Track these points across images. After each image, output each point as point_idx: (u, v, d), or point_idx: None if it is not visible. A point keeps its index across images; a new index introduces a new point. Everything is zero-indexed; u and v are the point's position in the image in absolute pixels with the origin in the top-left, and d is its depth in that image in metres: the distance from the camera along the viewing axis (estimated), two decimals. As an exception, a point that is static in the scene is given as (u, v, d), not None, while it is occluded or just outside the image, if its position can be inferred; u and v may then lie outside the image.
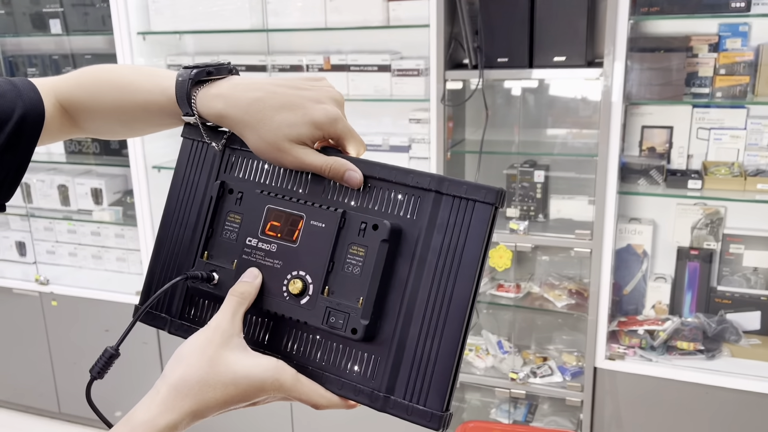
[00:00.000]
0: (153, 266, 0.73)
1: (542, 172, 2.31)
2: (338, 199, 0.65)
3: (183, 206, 0.72)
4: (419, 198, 0.62)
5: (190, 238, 0.70)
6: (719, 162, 2.21)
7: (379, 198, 0.63)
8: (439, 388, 0.59)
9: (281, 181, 0.68)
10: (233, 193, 0.68)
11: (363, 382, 0.62)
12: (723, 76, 2.11)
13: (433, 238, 0.61)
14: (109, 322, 2.81)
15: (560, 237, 2.23)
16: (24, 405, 3.15)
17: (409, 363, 0.60)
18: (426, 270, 0.61)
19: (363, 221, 0.62)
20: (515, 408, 2.48)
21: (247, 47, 2.59)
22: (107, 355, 0.63)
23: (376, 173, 0.64)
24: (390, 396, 0.61)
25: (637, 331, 2.25)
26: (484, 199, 0.60)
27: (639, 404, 2.23)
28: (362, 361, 0.62)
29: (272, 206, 0.66)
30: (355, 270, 0.62)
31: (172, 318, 0.71)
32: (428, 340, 0.60)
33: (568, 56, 2.06)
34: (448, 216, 0.61)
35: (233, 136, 0.69)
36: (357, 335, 0.61)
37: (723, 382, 2.11)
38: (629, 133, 2.29)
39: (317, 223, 0.64)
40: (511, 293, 2.38)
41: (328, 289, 0.63)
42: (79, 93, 0.73)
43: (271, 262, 0.65)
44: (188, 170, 0.72)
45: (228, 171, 0.70)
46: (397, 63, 2.34)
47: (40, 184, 2.97)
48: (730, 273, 2.27)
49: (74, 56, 2.79)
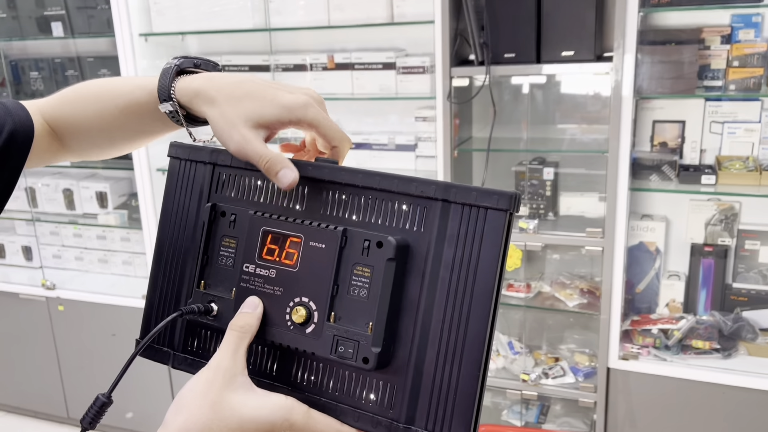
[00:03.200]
0: (151, 298, 0.68)
1: (551, 169, 2.27)
2: (338, 214, 0.60)
3: (176, 232, 0.67)
4: (425, 208, 0.57)
5: (185, 267, 0.66)
6: (733, 156, 2.16)
7: (382, 210, 0.58)
8: (463, 415, 0.54)
9: (276, 198, 0.63)
10: (226, 215, 0.63)
11: (381, 413, 0.57)
12: (736, 69, 2.06)
13: (444, 252, 0.56)
14: (116, 327, 2.80)
15: (571, 235, 2.18)
16: (32, 410, 3.15)
17: (429, 390, 0.55)
18: (439, 287, 0.56)
19: (366, 239, 0.57)
20: (527, 409, 2.44)
21: (250, 47, 2.57)
22: (99, 404, 0.57)
23: (376, 184, 0.58)
24: (411, 427, 0.56)
25: (651, 330, 2.20)
26: (496, 205, 0.54)
27: (653, 405, 2.19)
28: (378, 390, 0.58)
29: (268, 228, 0.61)
30: (361, 293, 0.57)
31: (175, 352, 0.67)
32: (447, 363, 0.55)
33: (576, 51, 2.02)
34: (458, 226, 0.55)
35: (221, 152, 0.65)
36: (369, 365, 0.56)
37: (740, 382, 2.06)
38: (640, 128, 2.24)
39: (317, 243, 0.59)
40: (521, 293, 2.34)
41: (334, 316, 0.58)
42: (62, 109, 0.72)
43: (272, 289, 0.60)
44: (178, 193, 0.68)
45: (219, 190, 0.66)
46: (402, 60, 2.30)
47: (45, 188, 2.96)
48: (746, 269, 2.22)
49: (79, 59, 2.77)
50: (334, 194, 0.61)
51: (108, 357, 2.82)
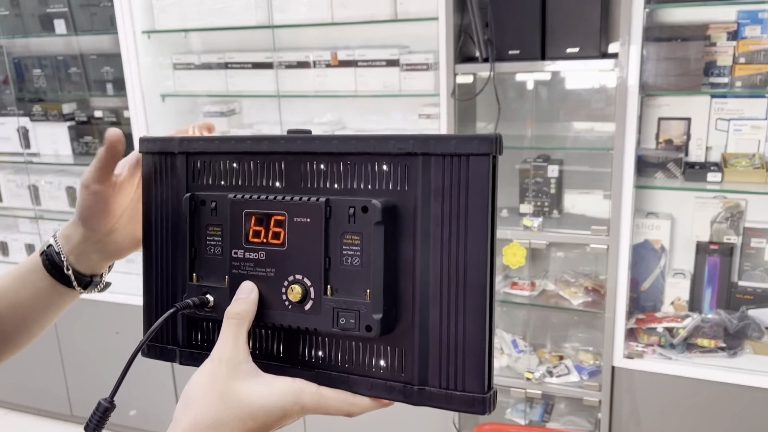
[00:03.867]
0: (147, 299, 0.67)
1: (556, 166, 2.26)
2: (319, 185, 0.59)
3: (160, 229, 0.66)
4: (406, 165, 0.55)
5: (176, 262, 0.65)
6: (739, 154, 2.15)
7: (363, 174, 0.57)
8: (476, 369, 0.54)
9: (255, 179, 0.61)
10: (206, 204, 0.62)
11: (393, 378, 0.57)
12: (742, 65, 2.04)
13: (431, 207, 0.54)
14: (119, 324, 2.79)
15: (576, 233, 2.17)
16: (36, 408, 3.15)
17: (437, 348, 0.55)
18: (432, 244, 0.54)
19: (350, 205, 0.55)
20: (531, 408, 2.43)
21: (253, 44, 2.56)
22: (101, 410, 0.56)
23: (352, 147, 0.57)
24: (425, 387, 0.55)
25: (656, 329, 2.19)
26: (477, 150, 0.53)
27: (658, 404, 2.18)
28: (387, 356, 0.57)
29: (250, 210, 0.60)
30: (354, 261, 0.56)
31: (180, 348, 0.65)
32: (452, 318, 0.54)
33: (581, 47, 2.00)
34: (441, 178, 0.54)
35: (192, 140, 0.65)
36: (373, 332, 0.55)
37: (745, 381, 2.05)
38: (645, 125, 2.23)
39: (301, 218, 0.57)
40: (525, 291, 2.33)
41: (330, 288, 0.57)
42: None
43: (264, 272, 0.59)
44: (156, 189, 0.66)
45: (195, 179, 0.64)
46: (406, 57, 2.29)
47: (48, 186, 2.96)
48: (752, 267, 2.20)
49: (82, 56, 2.77)
50: (312, 165, 0.59)
51: (111, 355, 2.82)
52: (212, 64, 2.56)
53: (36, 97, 2.93)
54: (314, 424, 2.63)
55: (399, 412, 0.58)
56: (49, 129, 2.91)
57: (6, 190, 3.04)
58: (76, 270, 0.69)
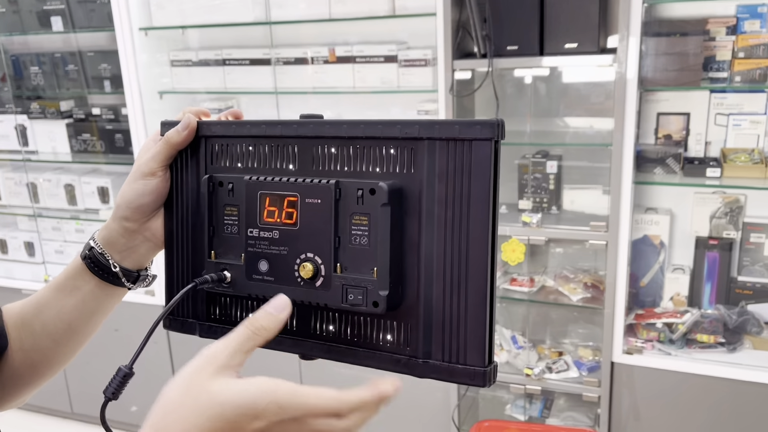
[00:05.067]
0: (169, 276, 0.71)
1: (555, 162, 2.25)
2: (330, 167, 0.62)
3: (181, 209, 0.69)
4: (412, 149, 0.58)
5: (195, 240, 0.68)
6: (738, 149, 2.14)
7: (371, 157, 0.60)
8: (477, 343, 0.57)
9: (269, 161, 0.65)
10: (224, 185, 0.65)
11: (398, 351, 0.60)
12: (741, 60, 2.04)
13: (436, 189, 0.57)
14: (119, 322, 2.79)
15: (575, 229, 2.17)
16: (36, 405, 3.15)
17: (440, 323, 0.58)
18: (436, 224, 0.57)
19: (359, 188, 0.58)
20: (531, 403, 2.43)
21: (251, 40, 2.55)
22: (121, 375, 0.58)
23: (360, 132, 0.60)
24: (428, 360, 0.59)
25: (655, 324, 2.19)
26: (480, 135, 0.55)
27: (658, 399, 2.18)
28: (393, 330, 0.60)
29: (264, 191, 0.63)
30: (362, 241, 0.59)
31: (200, 322, 0.69)
32: (455, 295, 0.57)
33: (580, 42, 1.99)
34: (446, 162, 0.56)
35: (211, 124, 0.67)
36: (379, 308, 0.58)
37: (745, 376, 2.05)
38: (644, 121, 2.22)
39: (313, 199, 0.60)
40: (524, 287, 2.33)
41: (340, 266, 0.60)
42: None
43: (277, 250, 0.62)
44: (176, 171, 0.69)
45: (213, 162, 0.68)
46: (404, 53, 2.28)
47: (46, 184, 2.95)
48: (751, 263, 2.20)
49: (80, 53, 2.76)
50: (323, 149, 0.62)
51: (111, 352, 2.81)
52: (210, 61, 2.55)
53: (34, 94, 2.92)
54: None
55: (400, 411, 0.59)
56: (47, 127, 2.90)
57: (4, 188, 3.04)
58: (123, 267, 0.71)
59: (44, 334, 0.71)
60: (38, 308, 0.71)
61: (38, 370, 0.73)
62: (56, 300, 0.71)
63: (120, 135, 2.79)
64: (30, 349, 0.72)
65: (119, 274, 0.71)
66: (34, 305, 0.72)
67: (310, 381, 1.51)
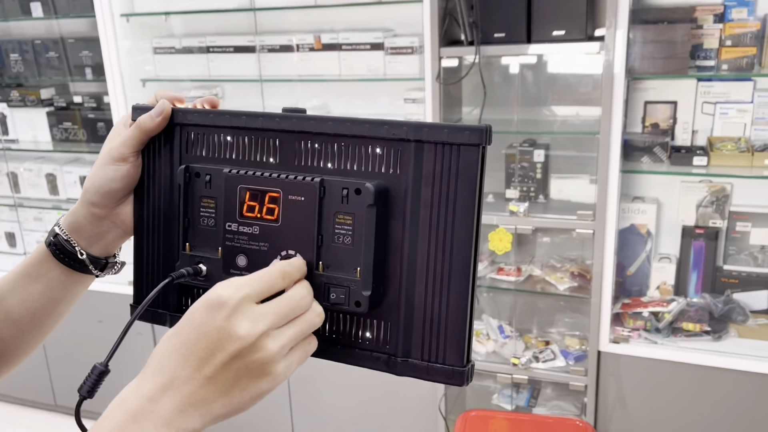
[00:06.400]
0: (138, 264, 0.69)
1: (542, 151, 2.24)
2: (313, 163, 0.60)
3: (153, 197, 0.67)
4: (399, 150, 0.57)
5: (168, 230, 0.67)
6: (725, 137, 2.14)
7: (357, 155, 0.59)
8: (456, 343, 0.57)
9: (248, 153, 0.63)
10: (200, 176, 0.63)
11: (378, 349, 0.60)
12: (729, 48, 2.03)
13: (422, 192, 0.57)
14: (102, 313, 2.76)
15: (562, 218, 2.16)
16: (19, 398, 3.11)
17: (421, 323, 0.58)
18: (420, 226, 0.57)
19: (344, 187, 0.57)
20: (518, 393, 2.43)
21: (235, 27, 2.51)
22: (96, 372, 0.57)
23: (347, 130, 0.59)
24: (407, 359, 0.59)
25: (642, 313, 2.19)
26: (468, 141, 0.55)
27: (644, 388, 2.18)
28: (373, 328, 0.60)
29: (245, 185, 0.61)
30: (346, 240, 0.58)
31: (171, 313, 0.68)
32: (436, 296, 0.57)
33: (567, 30, 1.98)
34: (433, 165, 0.56)
35: (187, 111, 0.65)
36: (362, 308, 0.58)
37: (730, 364, 2.06)
38: (631, 109, 2.21)
39: (296, 197, 0.59)
40: (511, 276, 2.32)
41: (322, 265, 0.59)
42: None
43: (257, 245, 0.61)
44: (148, 158, 0.67)
45: (188, 150, 0.65)
46: (391, 41, 2.26)
47: (27, 173, 2.90)
48: (737, 251, 2.21)
49: (62, 40, 2.70)
50: (306, 144, 0.61)
51: (95, 344, 2.79)
52: (193, 48, 2.51)
53: (14, 82, 2.87)
54: (301, 419, 2.63)
55: (387, 401, 0.58)
56: (27, 115, 2.85)
57: (-16, 178, 2.99)
58: (90, 254, 0.69)
59: (8, 322, 0.69)
60: (1, 296, 0.69)
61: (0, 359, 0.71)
62: (20, 287, 0.69)
63: (102, 124, 2.74)
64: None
65: (86, 261, 0.69)
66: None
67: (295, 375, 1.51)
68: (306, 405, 2.61)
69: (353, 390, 2.48)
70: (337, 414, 2.56)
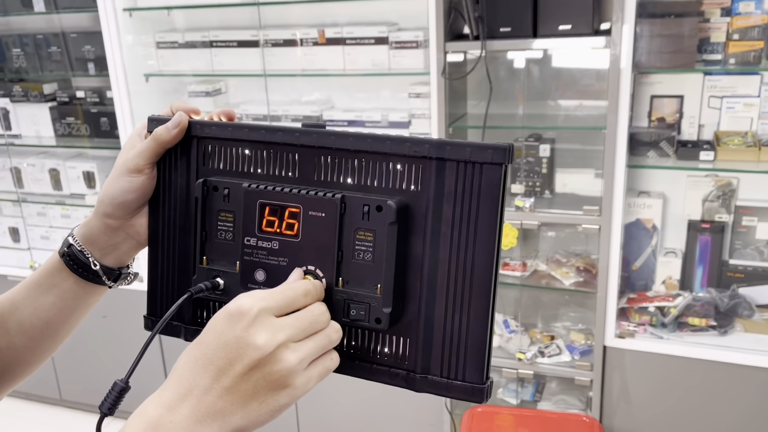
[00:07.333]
0: (153, 276, 0.69)
1: (548, 145, 2.23)
2: (333, 179, 0.60)
3: (168, 210, 0.66)
4: (420, 167, 0.57)
5: (184, 242, 0.66)
6: (732, 132, 2.13)
7: (377, 172, 0.58)
8: (476, 361, 0.57)
9: (267, 167, 0.63)
10: (218, 190, 0.63)
11: (396, 365, 0.60)
12: (736, 42, 2.02)
13: (443, 209, 0.57)
14: (106, 308, 2.76)
15: (567, 213, 2.15)
16: (25, 392, 3.12)
17: (441, 340, 0.58)
18: (441, 243, 0.57)
19: (365, 203, 0.57)
20: (523, 387, 2.44)
21: (238, 21, 2.49)
22: (117, 389, 0.56)
23: (368, 147, 0.58)
24: (427, 376, 0.59)
25: (648, 308, 2.19)
26: (491, 159, 0.55)
27: (649, 383, 2.18)
28: (392, 345, 0.60)
29: (264, 200, 0.60)
30: (366, 257, 0.58)
31: (185, 326, 0.67)
32: (456, 314, 0.57)
33: (573, 24, 1.96)
34: (455, 183, 0.56)
35: (204, 124, 0.64)
36: (382, 324, 0.58)
37: (736, 359, 2.05)
38: (638, 104, 2.20)
39: (316, 212, 0.58)
40: (517, 271, 2.32)
41: (342, 281, 0.59)
42: None
43: (276, 261, 0.60)
44: (164, 170, 0.66)
45: (207, 163, 0.65)
46: (395, 35, 2.24)
47: (30, 169, 2.90)
48: (743, 246, 2.20)
49: (64, 35, 2.69)
50: (326, 159, 0.60)
51: (99, 339, 2.79)
52: (196, 43, 2.50)
53: (16, 77, 2.86)
54: (307, 415, 2.63)
55: (392, 396, 0.58)
56: (29, 110, 2.84)
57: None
58: (104, 265, 0.69)
59: (20, 332, 0.69)
60: (14, 306, 0.69)
61: (12, 370, 0.71)
62: (33, 298, 0.68)
63: (105, 118, 2.73)
64: (4, 347, 0.69)
65: (99, 273, 0.68)
66: (10, 303, 0.69)
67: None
68: (312, 399, 2.61)
69: (359, 385, 2.47)
70: (343, 409, 2.56)
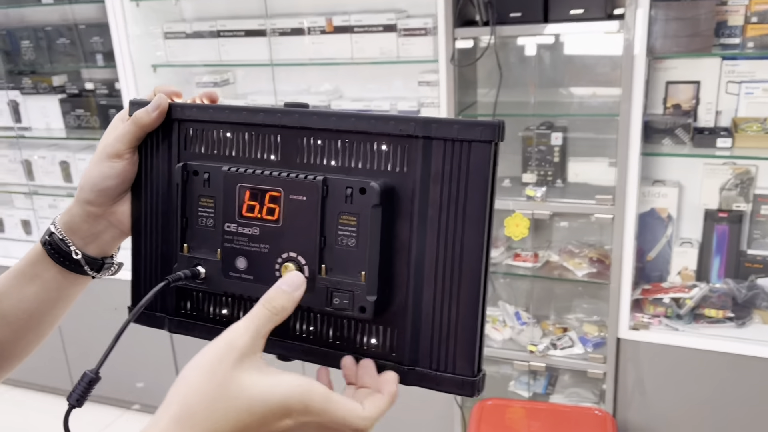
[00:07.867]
0: (136, 265, 0.67)
1: (560, 134, 2.19)
2: (316, 161, 0.57)
3: (150, 195, 0.64)
4: (406, 146, 0.54)
5: (166, 229, 0.64)
6: (750, 118, 2.07)
7: (362, 153, 0.56)
8: (466, 352, 0.54)
9: (249, 150, 0.60)
10: (199, 174, 0.60)
11: (384, 357, 0.57)
12: (755, 25, 1.95)
13: (430, 191, 0.54)
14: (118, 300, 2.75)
15: (580, 203, 2.11)
16: (38, 384, 3.14)
17: (429, 329, 0.55)
18: (429, 227, 0.54)
19: (348, 186, 0.54)
20: (535, 380, 2.40)
21: (245, 11, 2.47)
22: (86, 380, 0.55)
23: (351, 126, 0.55)
24: (415, 368, 0.56)
25: (663, 300, 2.14)
26: (480, 137, 0.52)
27: (664, 375, 2.14)
28: (379, 334, 0.57)
29: (244, 184, 0.58)
30: (350, 242, 0.55)
31: (169, 317, 0.65)
32: (445, 302, 0.54)
33: (586, 8, 1.92)
34: (442, 163, 0.53)
35: (185, 106, 0.62)
36: (366, 313, 0.55)
37: (754, 351, 2.00)
38: (652, 90, 2.15)
39: (297, 196, 0.56)
40: (528, 262, 2.28)
41: (324, 268, 0.56)
42: None
43: (257, 247, 0.58)
44: (145, 155, 0.64)
45: (187, 147, 0.62)
46: (404, 22, 2.21)
47: (41, 161, 2.90)
48: (761, 236, 2.14)
49: (73, 26, 2.68)
50: (309, 140, 0.58)
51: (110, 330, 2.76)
52: (204, 33, 2.48)
53: (26, 69, 2.86)
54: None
55: (401, 389, 0.55)
56: (39, 102, 2.84)
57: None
58: (86, 254, 0.66)
59: (3, 323, 0.67)
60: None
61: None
62: (15, 288, 0.66)
63: (115, 110, 2.72)
64: None
65: (81, 262, 0.66)
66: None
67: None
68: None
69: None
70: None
